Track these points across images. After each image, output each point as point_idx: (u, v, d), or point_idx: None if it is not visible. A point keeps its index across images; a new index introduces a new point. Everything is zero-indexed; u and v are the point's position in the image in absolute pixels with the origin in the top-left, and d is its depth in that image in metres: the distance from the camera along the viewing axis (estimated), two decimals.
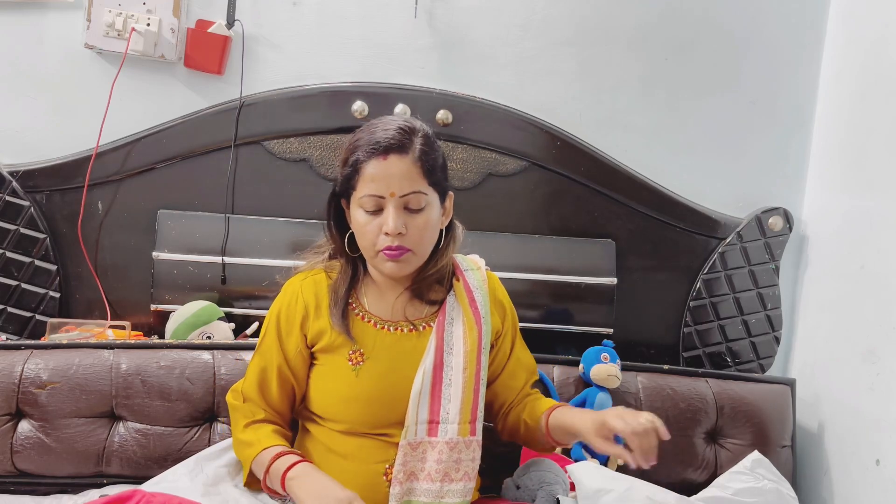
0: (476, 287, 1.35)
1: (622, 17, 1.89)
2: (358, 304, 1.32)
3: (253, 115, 1.79)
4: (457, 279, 1.35)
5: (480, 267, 1.40)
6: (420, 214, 1.23)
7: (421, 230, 1.23)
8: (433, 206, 1.25)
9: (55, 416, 1.51)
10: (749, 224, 1.91)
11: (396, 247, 1.22)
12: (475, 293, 1.34)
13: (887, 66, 1.69)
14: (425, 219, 1.23)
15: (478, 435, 1.29)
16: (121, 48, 1.73)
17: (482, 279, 1.37)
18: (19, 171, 1.74)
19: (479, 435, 1.30)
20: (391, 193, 1.20)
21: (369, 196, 1.21)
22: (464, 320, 1.30)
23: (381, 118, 1.29)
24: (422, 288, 1.32)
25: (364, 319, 1.30)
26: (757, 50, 1.92)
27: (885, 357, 1.62)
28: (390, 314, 1.31)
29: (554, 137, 1.86)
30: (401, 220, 1.20)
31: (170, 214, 1.77)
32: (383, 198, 1.21)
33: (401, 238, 1.21)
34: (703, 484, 1.68)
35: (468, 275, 1.36)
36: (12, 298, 1.75)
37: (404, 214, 1.22)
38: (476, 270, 1.38)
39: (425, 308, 1.33)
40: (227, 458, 1.41)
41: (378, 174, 1.20)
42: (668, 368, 1.79)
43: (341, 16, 1.83)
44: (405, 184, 1.21)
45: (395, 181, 1.20)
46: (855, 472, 1.69)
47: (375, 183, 1.20)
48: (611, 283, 1.86)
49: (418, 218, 1.23)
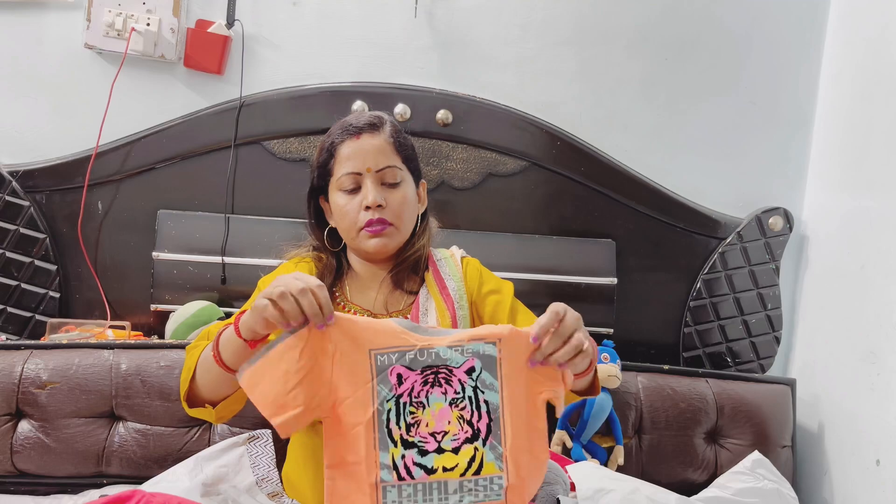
0: (449, 275, 1.36)
1: (622, 17, 1.89)
2: (341, 294, 1.33)
3: (253, 114, 1.79)
4: (427, 270, 1.36)
5: (454, 254, 1.40)
6: (397, 189, 1.26)
7: (400, 203, 1.25)
8: (409, 184, 1.28)
9: (55, 416, 1.51)
10: (749, 224, 1.91)
11: (378, 220, 1.24)
12: (447, 280, 1.34)
13: (887, 66, 1.69)
14: (402, 193, 1.26)
15: None
16: (121, 48, 1.73)
17: (455, 265, 1.38)
18: (19, 171, 1.74)
19: None
20: (367, 169, 1.24)
21: (347, 175, 1.24)
22: (436, 308, 1.31)
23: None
24: (400, 276, 1.33)
25: (346, 309, 1.31)
26: (757, 50, 1.92)
27: (885, 357, 1.62)
28: (371, 305, 1.32)
29: (554, 137, 1.86)
30: (380, 193, 1.23)
31: (170, 214, 1.77)
32: (360, 174, 1.24)
33: (381, 211, 1.23)
34: (703, 484, 1.68)
35: (440, 263, 1.37)
36: (12, 298, 1.75)
37: (382, 189, 1.25)
38: (449, 258, 1.39)
39: (403, 299, 1.33)
40: (227, 458, 1.41)
41: (353, 152, 1.24)
42: (669, 368, 1.79)
43: (341, 16, 1.83)
44: (380, 158, 1.24)
45: (371, 156, 1.24)
46: (855, 472, 1.69)
47: (351, 161, 1.24)
48: (611, 283, 1.86)
49: (396, 192, 1.25)
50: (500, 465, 1.00)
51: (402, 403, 0.99)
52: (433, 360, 0.99)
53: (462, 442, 0.99)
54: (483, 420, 1.00)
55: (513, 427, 1.00)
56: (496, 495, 1.00)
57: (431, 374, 1.00)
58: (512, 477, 1.00)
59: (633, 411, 1.71)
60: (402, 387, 0.99)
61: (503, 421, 1.00)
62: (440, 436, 0.99)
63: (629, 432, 1.71)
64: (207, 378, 1.12)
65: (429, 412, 0.99)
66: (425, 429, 0.99)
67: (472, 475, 0.99)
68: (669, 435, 1.71)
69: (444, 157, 1.84)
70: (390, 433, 0.99)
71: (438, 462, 0.99)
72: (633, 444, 1.71)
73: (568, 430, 1.68)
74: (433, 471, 0.99)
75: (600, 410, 1.65)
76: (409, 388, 0.99)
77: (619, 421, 1.68)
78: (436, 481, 0.99)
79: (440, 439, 0.99)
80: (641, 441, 1.71)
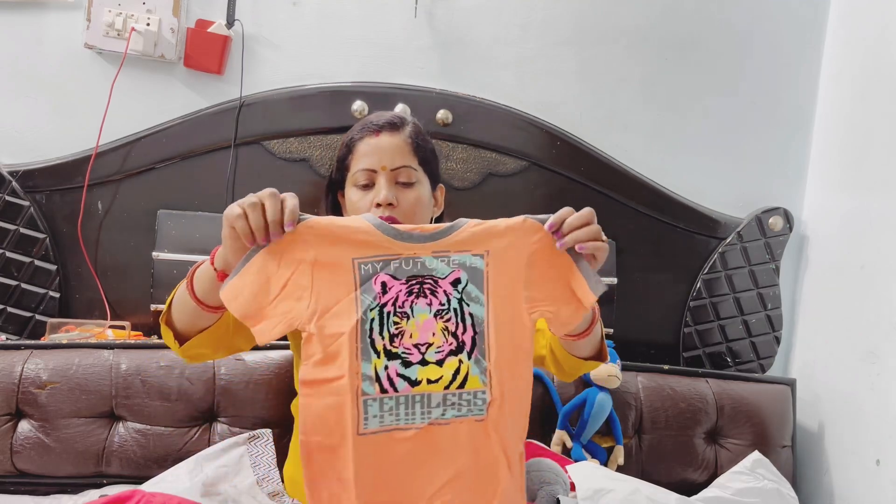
0: None
1: (622, 16, 1.89)
2: None
3: (253, 114, 1.79)
4: None
5: None
6: (411, 189, 1.24)
7: (412, 204, 1.24)
8: (423, 185, 1.27)
9: (55, 416, 1.51)
10: (749, 224, 1.91)
11: (388, 217, 1.22)
12: None
13: (887, 67, 1.69)
14: (416, 194, 1.25)
15: None
16: (121, 48, 1.73)
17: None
18: (19, 171, 1.73)
19: None
20: (382, 167, 1.22)
21: (361, 170, 1.23)
22: None
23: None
24: None
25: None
26: (757, 50, 1.92)
27: (885, 357, 1.62)
28: None
29: (554, 137, 1.86)
30: (392, 192, 1.22)
31: (170, 214, 1.77)
32: (374, 171, 1.23)
33: (392, 209, 1.22)
34: (703, 484, 1.68)
35: None
36: (12, 298, 1.74)
37: (395, 188, 1.23)
38: None
39: None
40: (227, 458, 1.41)
41: (370, 149, 1.24)
42: (669, 368, 1.79)
43: (341, 16, 1.83)
44: (396, 157, 1.23)
45: (387, 155, 1.23)
46: (855, 472, 1.69)
47: (367, 157, 1.23)
48: (611, 284, 1.86)
49: (409, 192, 1.24)
50: (484, 380, 0.97)
51: (385, 313, 0.95)
52: (419, 269, 0.96)
53: (446, 354, 0.97)
54: (468, 333, 0.97)
55: (497, 342, 0.98)
56: (479, 410, 0.97)
57: (416, 284, 0.96)
58: (495, 392, 0.97)
59: (633, 411, 1.71)
60: (387, 296, 0.95)
61: (488, 335, 0.97)
62: (424, 347, 0.96)
63: (629, 432, 1.71)
64: (181, 310, 1.11)
65: (413, 323, 0.96)
66: (409, 340, 0.96)
67: (456, 388, 0.97)
68: (669, 435, 1.71)
69: (444, 157, 1.83)
70: (373, 343, 0.95)
71: (422, 374, 0.96)
72: (633, 444, 1.71)
73: (568, 430, 1.68)
74: (417, 382, 0.96)
75: (600, 410, 1.65)
76: (394, 297, 0.96)
77: (619, 421, 1.68)
78: (419, 394, 0.96)
79: (424, 351, 0.96)
80: (641, 441, 1.71)
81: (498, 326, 0.98)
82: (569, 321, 1.02)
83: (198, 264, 1.07)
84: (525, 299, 0.99)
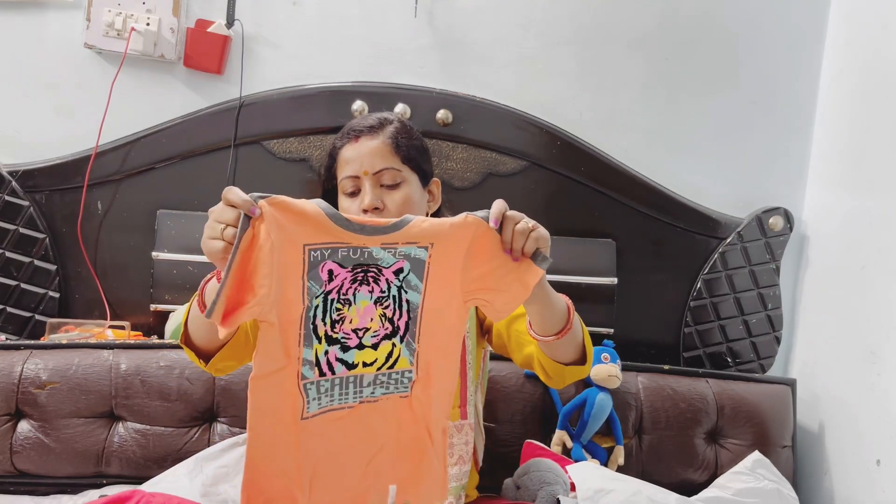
0: None
1: (622, 17, 1.89)
2: None
3: (253, 114, 1.79)
4: None
5: None
6: (397, 190, 1.24)
7: (399, 205, 1.23)
8: (411, 184, 1.26)
9: (55, 416, 1.51)
10: (749, 224, 1.90)
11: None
12: None
13: (887, 66, 1.69)
14: (403, 194, 1.24)
15: (469, 418, 1.29)
16: (120, 48, 1.73)
17: None
18: (19, 171, 1.73)
19: (471, 418, 1.30)
20: (364, 172, 1.23)
21: (346, 178, 1.24)
22: None
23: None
24: None
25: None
26: (757, 50, 1.92)
27: (885, 357, 1.62)
28: None
29: (554, 137, 1.86)
30: (377, 196, 1.22)
31: (169, 214, 1.77)
32: (358, 178, 1.24)
33: (379, 213, 1.22)
34: (703, 484, 1.68)
35: None
36: (12, 298, 1.74)
37: (381, 191, 1.24)
38: None
39: None
40: (226, 458, 1.41)
41: (351, 156, 1.24)
42: (669, 368, 1.79)
43: (341, 16, 1.83)
44: (376, 160, 1.24)
45: (367, 159, 1.23)
46: (855, 472, 1.69)
47: (350, 164, 1.24)
48: (611, 283, 1.86)
49: (395, 194, 1.24)
50: (412, 360, 1.02)
51: (329, 300, 0.97)
52: (365, 258, 0.98)
53: (381, 338, 1.00)
54: (403, 318, 1.01)
55: (428, 326, 1.02)
56: (404, 388, 1.02)
57: (361, 272, 0.98)
58: (421, 371, 1.03)
59: (633, 411, 1.71)
60: (332, 283, 0.97)
61: (420, 319, 1.01)
62: (361, 332, 0.99)
63: (629, 432, 1.71)
64: (197, 327, 1.11)
65: (354, 309, 0.99)
66: (349, 325, 0.99)
67: (386, 369, 1.01)
68: (670, 435, 1.71)
69: (444, 157, 1.83)
70: (315, 329, 0.97)
71: (359, 357, 1.00)
72: (634, 445, 1.71)
73: (568, 430, 1.68)
74: (353, 366, 0.99)
75: (600, 410, 1.65)
76: (339, 285, 0.98)
77: (619, 421, 1.68)
78: (353, 376, 1.00)
79: (361, 335, 0.99)
80: (641, 441, 1.71)
81: (431, 312, 1.02)
82: (503, 309, 1.05)
83: (207, 278, 1.07)
84: (462, 288, 1.02)
